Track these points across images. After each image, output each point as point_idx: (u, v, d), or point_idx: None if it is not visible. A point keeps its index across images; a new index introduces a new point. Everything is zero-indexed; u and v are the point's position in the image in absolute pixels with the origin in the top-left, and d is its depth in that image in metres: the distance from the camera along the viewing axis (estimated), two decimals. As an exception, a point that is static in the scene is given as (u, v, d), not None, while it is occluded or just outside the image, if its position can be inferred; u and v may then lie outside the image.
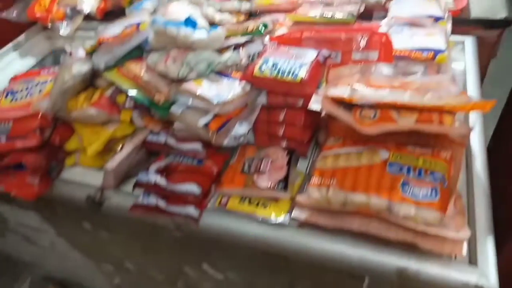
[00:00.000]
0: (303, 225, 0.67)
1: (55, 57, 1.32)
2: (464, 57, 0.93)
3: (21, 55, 1.26)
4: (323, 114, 0.74)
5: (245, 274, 0.85)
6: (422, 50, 0.80)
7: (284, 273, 0.77)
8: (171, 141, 0.76)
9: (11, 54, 1.24)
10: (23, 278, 1.61)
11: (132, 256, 1.02)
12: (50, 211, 0.99)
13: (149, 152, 0.81)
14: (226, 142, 0.69)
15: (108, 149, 0.82)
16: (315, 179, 0.65)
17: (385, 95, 0.63)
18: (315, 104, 0.65)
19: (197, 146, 0.74)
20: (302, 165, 0.77)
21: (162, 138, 0.77)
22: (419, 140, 0.66)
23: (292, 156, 0.75)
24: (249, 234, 0.69)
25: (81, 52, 0.85)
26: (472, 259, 0.60)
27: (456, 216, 0.57)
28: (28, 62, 1.24)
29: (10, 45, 1.25)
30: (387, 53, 0.77)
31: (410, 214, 0.57)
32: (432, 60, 0.79)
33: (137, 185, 0.73)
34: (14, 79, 0.93)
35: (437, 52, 0.79)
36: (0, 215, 1.13)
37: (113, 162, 0.73)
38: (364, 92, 0.63)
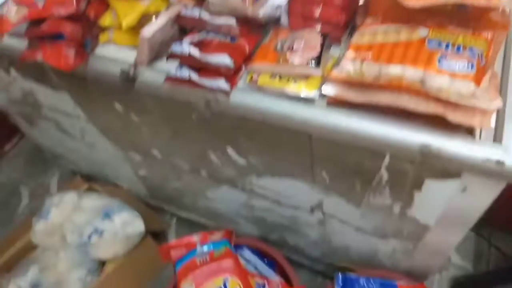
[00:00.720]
0: (331, 102, 0.68)
1: None
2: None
3: None
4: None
5: (267, 157, 0.89)
6: None
7: (306, 154, 0.80)
8: (205, 15, 0.75)
9: None
10: (53, 171, 1.73)
11: (159, 142, 1.07)
12: (82, 93, 1.03)
13: (182, 29, 0.81)
14: (263, 12, 0.68)
15: (142, 25, 0.82)
16: (350, 53, 0.65)
17: (433, -34, 0.60)
18: (359, -28, 0.63)
19: (231, 21, 0.74)
20: (334, 52, 0.77)
21: (196, 12, 0.76)
22: (461, 22, 0.64)
23: (326, 41, 0.74)
24: (277, 111, 0.71)
25: None
26: (497, 138, 0.61)
27: (489, 89, 0.57)
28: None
29: None
30: None
31: (444, 86, 0.57)
32: None
33: (171, 55, 0.74)
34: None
35: None
36: (34, 99, 1.18)
37: (149, 30, 0.74)
38: (412, -39, 0.61)
